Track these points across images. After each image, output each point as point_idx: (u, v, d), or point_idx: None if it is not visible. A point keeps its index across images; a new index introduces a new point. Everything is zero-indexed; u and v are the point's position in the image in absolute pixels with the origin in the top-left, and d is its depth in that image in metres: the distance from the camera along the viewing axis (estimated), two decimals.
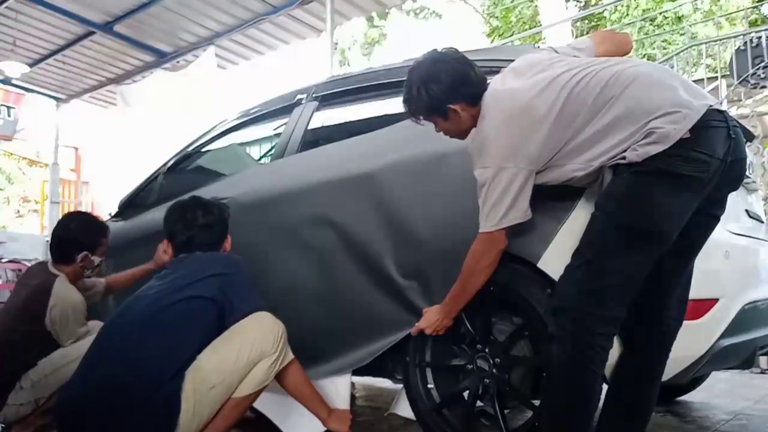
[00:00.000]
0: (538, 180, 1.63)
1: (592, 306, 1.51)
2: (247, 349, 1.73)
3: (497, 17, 13.63)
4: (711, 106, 1.47)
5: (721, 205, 1.65)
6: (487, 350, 1.94)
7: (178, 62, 7.55)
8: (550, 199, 1.73)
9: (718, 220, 1.66)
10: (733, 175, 1.57)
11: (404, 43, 14.19)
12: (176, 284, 1.81)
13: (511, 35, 12.25)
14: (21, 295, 2.32)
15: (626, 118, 1.49)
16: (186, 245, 2.00)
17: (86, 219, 2.49)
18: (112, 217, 3.45)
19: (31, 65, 7.69)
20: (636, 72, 1.53)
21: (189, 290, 1.77)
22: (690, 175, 1.46)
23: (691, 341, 1.75)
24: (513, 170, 1.57)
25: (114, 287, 2.66)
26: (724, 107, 1.52)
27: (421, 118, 1.78)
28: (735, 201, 2.00)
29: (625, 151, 1.49)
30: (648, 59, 9.69)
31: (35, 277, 2.36)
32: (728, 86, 7.23)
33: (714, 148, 1.47)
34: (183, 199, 2.13)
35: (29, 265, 9.30)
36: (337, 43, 15.20)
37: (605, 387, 1.67)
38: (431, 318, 1.90)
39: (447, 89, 1.69)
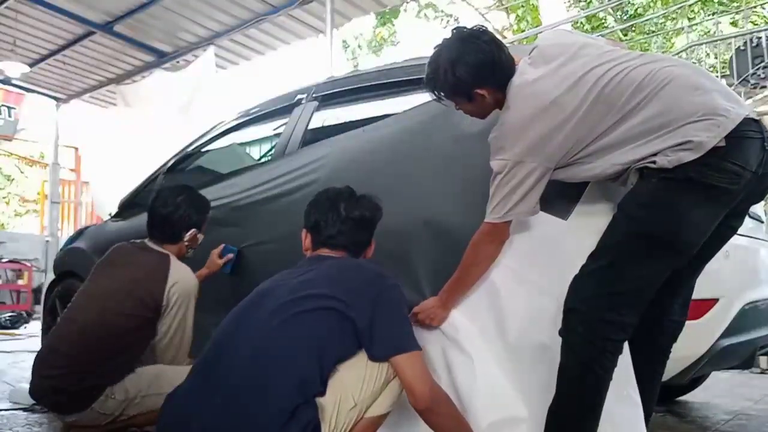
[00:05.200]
0: (559, 175, 1.59)
1: (606, 311, 1.47)
2: (385, 365, 1.53)
3: (522, 18, 13.49)
4: (747, 115, 1.41)
5: (741, 217, 1.61)
6: None
7: (178, 62, 7.55)
8: (552, 196, 1.72)
9: (735, 231, 1.63)
10: (762, 188, 1.52)
11: (414, 43, 14.18)
12: (318, 292, 1.53)
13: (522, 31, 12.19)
14: (122, 276, 2.08)
15: (658, 121, 1.43)
16: (332, 239, 1.72)
17: (193, 194, 2.30)
18: (112, 217, 3.45)
19: (31, 65, 7.68)
20: (672, 73, 1.47)
21: (340, 306, 1.50)
22: (721, 187, 1.40)
23: (691, 341, 1.74)
24: (531, 165, 1.54)
25: None
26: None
27: (443, 97, 1.72)
28: None
29: (655, 154, 1.43)
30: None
31: (134, 256, 2.16)
32: (728, 86, 7.23)
33: (748, 159, 1.41)
34: (334, 187, 1.83)
35: (29, 265, 9.33)
36: (348, 45, 15.22)
37: None
38: (426, 305, 1.85)
39: (475, 72, 1.61)
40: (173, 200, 2.21)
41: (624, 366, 1.57)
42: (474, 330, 1.79)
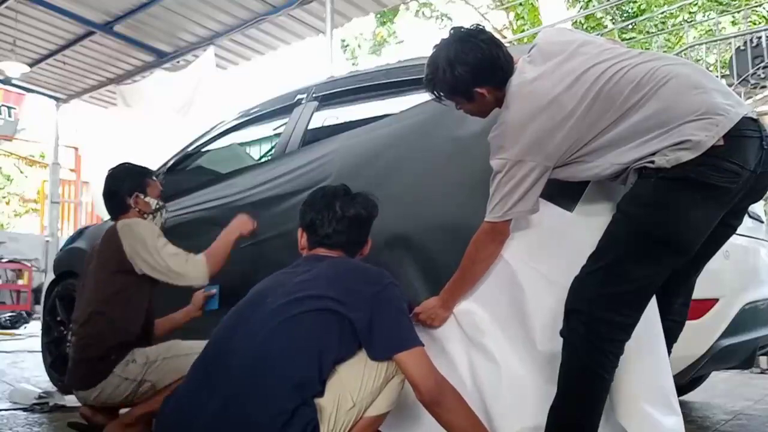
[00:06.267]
0: (559, 175, 1.60)
1: (606, 311, 1.47)
2: (385, 364, 1.52)
3: (520, 16, 13.49)
4: (746, 114, 1.41)
5: (739, 216, 1.62)
6: None
7: (178, 62, 7.55)
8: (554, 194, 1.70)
9: (734, 230, 1.63)
10: (760, 186, 1.52)
11: (415, 43, 14.17)
12: (316, 293, 1.52)
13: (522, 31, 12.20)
14: (96, 256, 2.26)
15: (657, 120, 1.43)
16: (328, 238, 1.71)
17: (127, 164, 2.43)
18: None
19: (31, 65, 7.69)
20: (671, 71, 1.46)
21: (339, 307, 1.50)
22: (720, 186, 1.40)
23: (691, 341, 1.74)
24: (530, 164, 1.54)
25: (157, 335, 2.44)
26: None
27: (443, 97, 1.73)
28: None
29: (653, 154, 1.43)
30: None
31: (102, 238, 2.31)
32: (728, 86, 7.22)
33: (746, 158, 1.40)
34: (330, 185, 1.85)
35: (29, 265, 9.33)
36: (348, 45, 15.20)
37: None
38: (427, 305, 1.84)
39: (474, 72, 1.62)
40: (109, 176, 2.38)
41: (665, 376, 1.56)
42: (500, 334, 1.76)
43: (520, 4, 13.09)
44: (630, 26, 11.71)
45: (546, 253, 1.71)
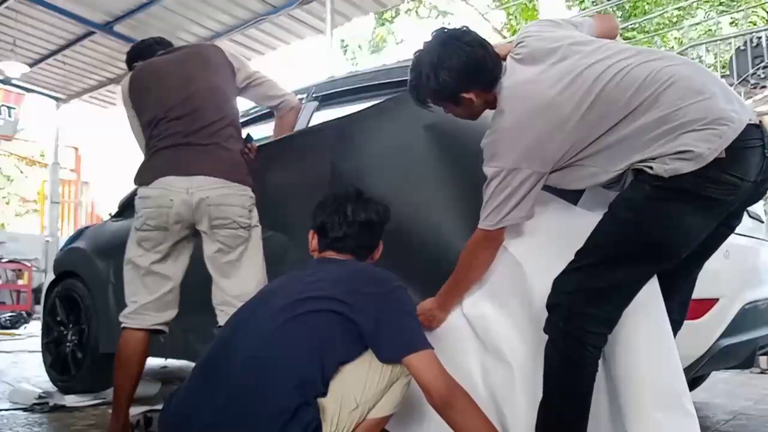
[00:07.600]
0: (556, 181, 1.56)
1: (585, 305, 1.46)
2: (390, 366, 1.51)
3: (513, 16, 13.50)
4: (750, 120, 1.36)
5: (738, 217, 1.60)
6: None
7: None
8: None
9: (733, 230, 1.61)
10: (760, 192, 1.50)
11: (415, 43, 14.15)
12: (320, 294, 1.52)
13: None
14: (195, 76, 2.24)
15: (658, 125, 1.38)
16: (338, 242, 1.71)
17: None
18: (113, 217, 3.45)
19: (31, 65, 7.70)
20: (675, 73, 1.41)
21: (343, 308, 1.49)
22: (716, 198, 1.37)
23: (691, 341, 1.74)
24: (526, 172, 1.50)
25: None
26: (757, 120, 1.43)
27: (430, 103, 1.67)
28: None
29: (653, 159, 1.38)
30: None
31: (176, 62, 2.34)
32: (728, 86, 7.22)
33: (747, 170, 1.36)
34: (342, 190, 1.84)
35: (29, 265, 9.28)
36: (348, 45, 15.19)
37: None
38: (424, 307, 1.82)
39: (459, 77, 1.55)
40: None
41: (676, 376, 1.53)
42: (512, 335, 1.73)
43: (514, 3, 13.09)
44: (630, 26, 11.71)
45: (555, 251, 1.67)
